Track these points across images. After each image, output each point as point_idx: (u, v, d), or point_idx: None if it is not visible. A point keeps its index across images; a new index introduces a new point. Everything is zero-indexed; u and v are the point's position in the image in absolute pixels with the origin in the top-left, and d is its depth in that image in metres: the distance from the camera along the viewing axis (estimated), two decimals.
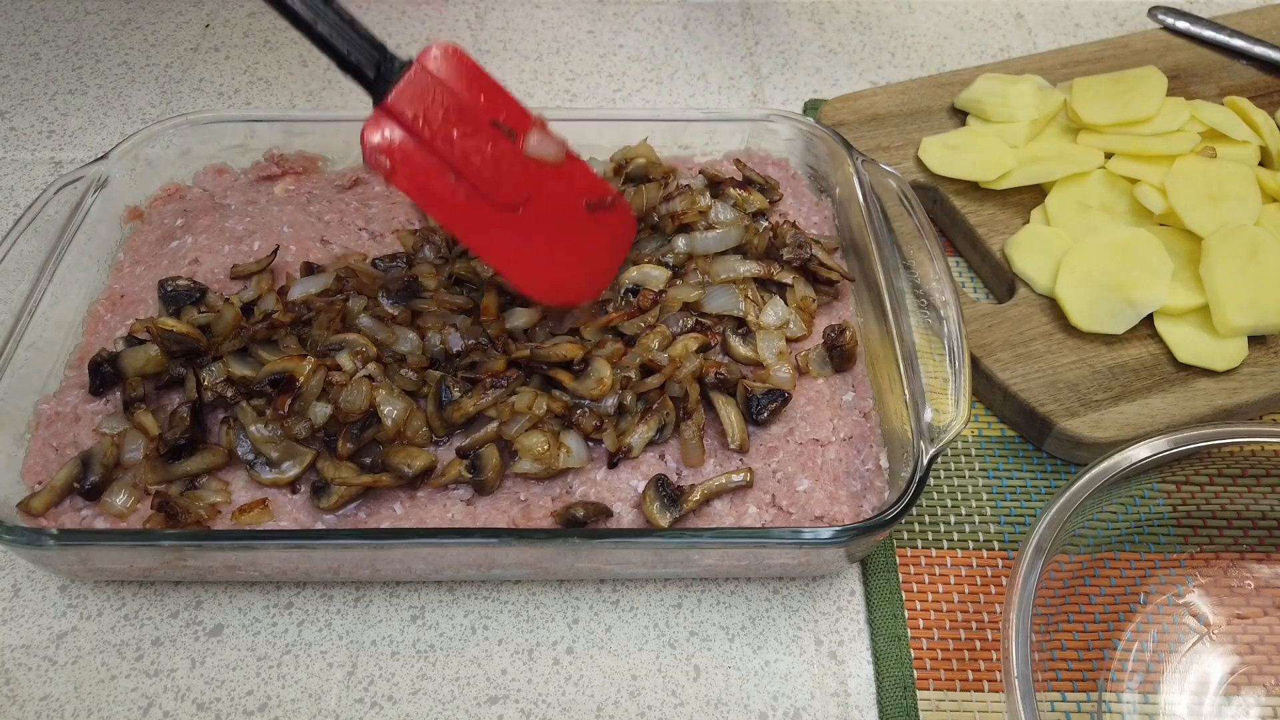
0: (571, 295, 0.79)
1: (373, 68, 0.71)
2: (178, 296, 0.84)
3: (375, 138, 0.71)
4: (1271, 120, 1.00)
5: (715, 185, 0.93)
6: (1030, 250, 0.92)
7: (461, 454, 0.75)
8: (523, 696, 0.72)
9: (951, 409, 0.72)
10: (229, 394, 0.77)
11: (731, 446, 0.77)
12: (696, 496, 0.73)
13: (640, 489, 0.74)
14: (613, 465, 0.75)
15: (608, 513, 0.73)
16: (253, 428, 0.74)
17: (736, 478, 0.74)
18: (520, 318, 0.80)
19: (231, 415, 0.76)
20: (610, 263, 0.82)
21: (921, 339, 0.77)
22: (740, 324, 0.83)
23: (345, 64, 0.70)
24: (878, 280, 0.82)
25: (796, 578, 0.78)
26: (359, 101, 1.17)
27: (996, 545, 0.79)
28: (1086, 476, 0.68)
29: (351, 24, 0.70)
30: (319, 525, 0.73)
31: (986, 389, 0.86)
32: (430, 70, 0.72)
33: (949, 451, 0.85)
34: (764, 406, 0.78)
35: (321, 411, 0.74)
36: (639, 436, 0.75)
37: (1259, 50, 1.13)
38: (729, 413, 0.77)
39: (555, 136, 0.76)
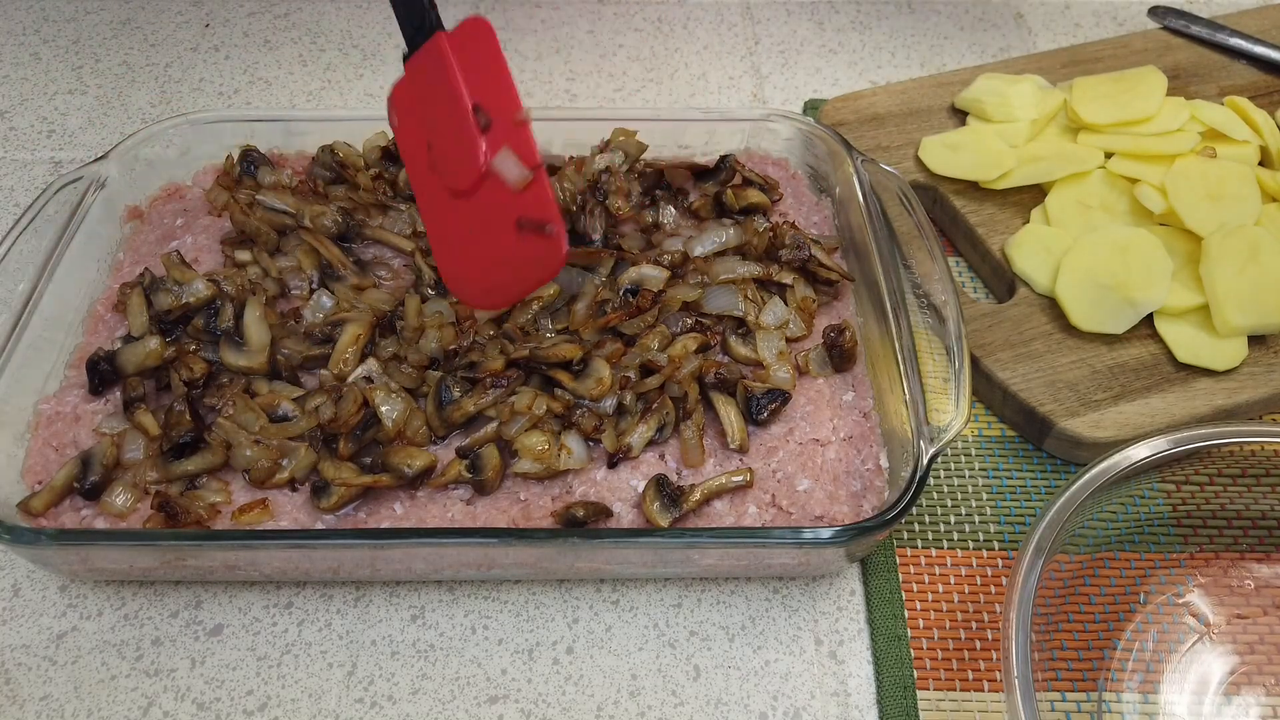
0: (465, 296, 0.78)
1: (421, 23, 0.74)
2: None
3: (394, 92, 0.77)
4: (1271, 120, 1.00)
5: None
6: (1030, 250, 0.92)
7: (461, 454, 0.75)
8: (523, 696, 0.72)
9: (951, 409, 0.72)
10: (225, 380, 0.78)
11: (731, 446, 0.77)
12: (696, 496, 0.73)
13: (640, 489, 0.74)
14: (613, 465, 0.75)
15: (608, 513, 0.73)
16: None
17: (736, 478, 0.74)
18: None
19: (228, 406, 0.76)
20: (511, 286, 0.75)
21: (921, 339, 0.77)
22: (740, 324, 0.83)
23: (409, 17, 0.74)
24: (878, 280, 0.82)
25: (796, 578, 0.78)
26: (358, 101, 1.18)
27: (996, 545, 0.79)
28: (1086, 476, 0.68)
29: None
30: (319, 525, 0.73)
31: (986, 389, 0.86)
32: (443, 43, 0.73)
33: (949, 451, 0.85)
34: (764, 406, 0.78)
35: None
36: (639, 436, 0.75)
37: (1259, 50, 1.13)
38: (729, 413, 0.77)
39: (522, 165, 0.70)
